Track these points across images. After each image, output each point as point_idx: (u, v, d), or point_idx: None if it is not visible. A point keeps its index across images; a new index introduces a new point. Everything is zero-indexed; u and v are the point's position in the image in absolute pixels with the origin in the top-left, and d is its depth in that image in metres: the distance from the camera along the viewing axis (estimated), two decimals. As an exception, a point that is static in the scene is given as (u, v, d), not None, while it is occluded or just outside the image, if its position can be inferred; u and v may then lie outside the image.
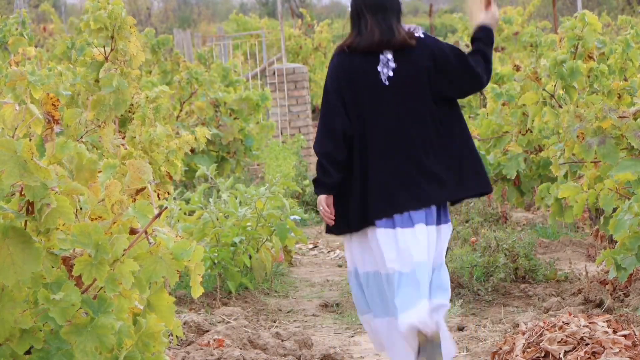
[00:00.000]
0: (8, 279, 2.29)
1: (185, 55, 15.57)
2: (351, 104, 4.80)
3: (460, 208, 8.58)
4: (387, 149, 4.78)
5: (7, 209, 2.33)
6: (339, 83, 4.82)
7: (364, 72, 4.80)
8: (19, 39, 8.36)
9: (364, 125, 4.80)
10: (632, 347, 3.96)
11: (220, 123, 10.20)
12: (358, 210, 4.75)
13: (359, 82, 4.81)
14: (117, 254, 2.35)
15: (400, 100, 4.78)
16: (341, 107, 4.81)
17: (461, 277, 6.26)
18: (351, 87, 4.81)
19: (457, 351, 4.95)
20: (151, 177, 2.54)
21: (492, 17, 4.89)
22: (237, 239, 6.36)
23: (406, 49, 4.77)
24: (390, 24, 4.78)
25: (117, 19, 4.98)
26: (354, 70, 4.82)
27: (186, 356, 4.68)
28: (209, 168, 7.38)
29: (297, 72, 13.93)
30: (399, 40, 4.76)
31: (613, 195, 5.04)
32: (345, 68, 4.83)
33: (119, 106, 4.83)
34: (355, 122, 4.81)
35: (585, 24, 6.25)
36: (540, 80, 6.28)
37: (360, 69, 4.81)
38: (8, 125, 2.38)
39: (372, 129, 4.80)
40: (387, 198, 4.71)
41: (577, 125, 5.20)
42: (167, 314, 2.51)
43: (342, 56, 4.86)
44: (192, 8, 47.88)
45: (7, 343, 2.34)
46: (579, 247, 7.58)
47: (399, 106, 4.79)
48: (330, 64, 4.89)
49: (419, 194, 4.70)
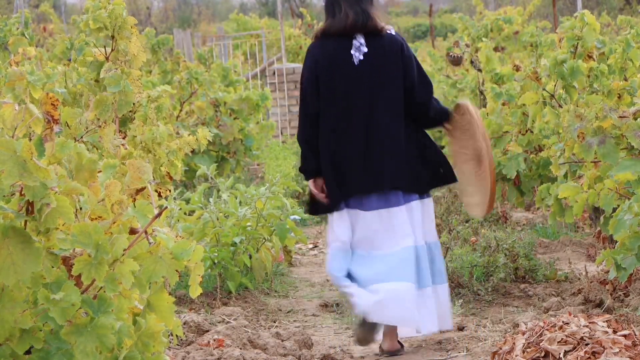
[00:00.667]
0: (8, 278, 2.29)
1: (185, 55, 15.57)
2: (325, 88, 5.04)
3: (460, 208, 8.58)
4: (356, 131, 5.04)
5: (7, 209, 2.33)
6: (314, 70, 5.05)
7: (337, 55, 5.02)
8: (19, 39, 8.36)
9: (337, 107, 5.04)
10: (632, 347, 3.96)
11: (220, 123, 10.20)
12: (332, 190, 5.04)
13: (332, 65, 5.03)
14: (117, 254, 2.35)
15: (370, 83, 5.03)
16: (316, 95, 5.05)
17: (461, 277, 6.26)
18: (325, 71, 5.03)
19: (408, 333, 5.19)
20: (151, 177, 2.54)
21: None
22: (237, 239, 6.36)
23: (377, 36, 5.02)
24: (363, 7, 5.00)
25: (118, 19, 4.98)
26: (328, 55, 5.04)
27: (186, 356, 4.68)
28: (209, 168, 7.37)
29: (297, 72, 13.95)
30: (372, 23, 4.99)
31: (613, 195, 5.04)
32: (319, 54, 5.06)
33: (122, 107, 4.83)
34: (329, 105, 4.99)
35: (584, 24, 6.25)
36: (540, 80, 6.28)
37: (333, 53, 5.03)
38: (8, 125, 2.38)
39: (344, 112, 5.04)
40: (346, 181, 5.03)
41: (577, 125, 5.20)
42: (167, 314, 2.51)
43: (316, 43, 5.11)
44: (192, 8, 47.86)
45: (7, 343, 2.34)
46: (579, 247, 7.58)
47: (369, 89, 5.04)
48: (307, 53, 5.14)
49: (378, 178, 5.01)
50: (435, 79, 14.28)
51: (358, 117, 5.03)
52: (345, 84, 5.03)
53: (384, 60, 5.03)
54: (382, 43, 5.02)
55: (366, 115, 5.03)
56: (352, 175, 5.02)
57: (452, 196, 9.16)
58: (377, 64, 5.02)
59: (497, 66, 8.95)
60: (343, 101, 5.03)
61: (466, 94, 12.04)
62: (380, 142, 5.03)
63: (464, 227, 7.45)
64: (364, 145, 5.03)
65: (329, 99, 5.04)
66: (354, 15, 4.98)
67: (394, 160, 5.03)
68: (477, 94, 11.47)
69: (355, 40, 5.02)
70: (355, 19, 4.98)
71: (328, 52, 5.03)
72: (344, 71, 5.02)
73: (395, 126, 5.05)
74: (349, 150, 5.04)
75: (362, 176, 5.02)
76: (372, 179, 5.01)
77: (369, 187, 5.02)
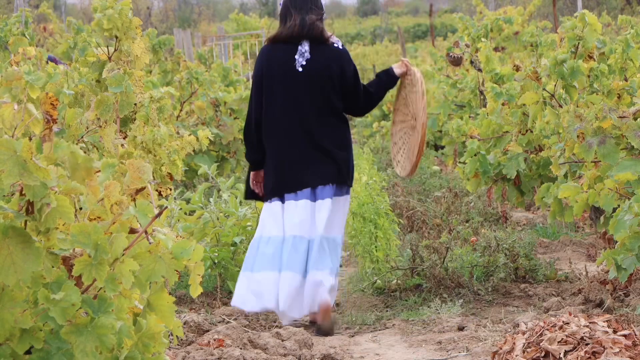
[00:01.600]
0: (8, 278, 2.29)
1: (186, 55, 15.57)
2: (269, 90, 5.57)
3: (461, 208, 8.59)
4: (293, 132, 5.56)
5: (7, 209, 2.32)
6: (259, 76, 5.61)
7: (282, 59, 5.56)
8: (19, 39, 8.35)
9: (278, 108, 5.57)
10: (632, 347, 3.95)
11: (220, 123, 10.20)
12: (271, 184, 5.60)
13: (277, 68, 5.56)
14: (117, 253, 2.35)
15: (309, 88, 5.56)
16: (259, 97, 5.60)
17: (461, 277, 6.26)
18: (270, 74, 5.57)
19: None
20: (151, 177, 2.54)
21: (402, 73, 5.82)
22: (237, 239, 6.36)
23: (321, 45, 5.56)
24: (312, 19, 5.54)
25: (125, 20, 4.98)
26: (275, 59, 5.58)
27: (186, 356, 4.68)
28: (210, 168, 7.38)
29: (297, 72, 13.91)
30: (317, 31, 5.53)
31: (613, 195, 5.04)
32: (267, 57, 5.61)
33: (124, 107, 4.83)
34: (272, 106, 5.58)
35: (585, 24, 6.24)
36: (540, 80, 6.27)
37: (280, 57, 5.57)
38: (7, 124, 2.38)
39: (283, 113, 5.57)
40: (286, 176, 5.55)
41: (577, 125, 5.19)
42: (168, 314, 2.51)
43: (266, 48, 5.67)
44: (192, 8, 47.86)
45: (7, 343, 2.34)
46: (579, 247, 7.58)
47: (309, 93, 5.56)
48: (257, 58, 5.72)
49: (313, 174, 5.55)
50: (436, 79, 14.27)
51: (296, 119, 5.54)
52: (287, 87, 5.54)
53: (324, 67, 5.53)
54: (325, 51, 5.55)
55: (304, 118, 5.54)
56: (290, 173, 5.54)
57: (452, 196, 9.16)
58: (318, 70, 5.52)
59: (497, 66, 8.95)
60: (285, 102, 5.55)
61: (466, 94, 12.04)
62: (313, 143, 5.55)
63: (464, 227, 7.45)
64: (299, 145, 5.55)
65: (271, 102, 5.55)
66: (300, 24, 5.51)
67: (327, 159, 5.56)
68: (477, 94, 11.47)
69: (300, 47, 5.54)
70: (301, 27, 5.50)
71: (275, 57, 5.57)
72: (287, 75, 5.54)
73: (329, 129, 5.58)
74: (286, 150, 5.56)
75: (297, 174, 5.55)
76: (306, 177, 5.55)
77: (302, 184, 5.55)
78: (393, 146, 6.03)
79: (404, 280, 6.32)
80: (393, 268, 6.37)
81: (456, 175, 10.97)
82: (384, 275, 6.37)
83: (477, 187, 7.71)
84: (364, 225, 6.58)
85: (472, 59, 10.65)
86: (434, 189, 10.14)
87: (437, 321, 5.58)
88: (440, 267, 6.24)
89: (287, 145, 5.55)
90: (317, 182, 5.53)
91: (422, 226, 8.07)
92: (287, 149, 5.55)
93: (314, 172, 5.53)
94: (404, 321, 5.71)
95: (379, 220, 6.57)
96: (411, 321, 5.68)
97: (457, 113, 12.07)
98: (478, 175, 7.55)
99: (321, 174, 5.53)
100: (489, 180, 7.60)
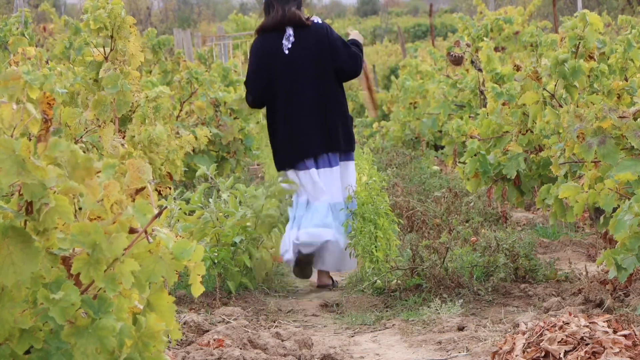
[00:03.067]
0: (8, 278, 2.28)
1: (185, 55, 15.56)
2: (265, 74, 6.47)
3: (461, 208, 8.58)
4: (289, 108, 6.46)
5: (7, 209, 2.32)
6: (255, 62, 6.48)
7: (272, 46, 6.46)
8: (19, 39, 8.35)
9: (274, 88, 6.46)
10: (632, 347, 3.95)
11: (220, 123, 10.19)
12: (282, 155, 6.62)
13: (268, 55, 6.46)
14: (117, 253, 2.34)
15: (299, 66, 6.43)
16: (259, 81, 6.49)
17: (461, 277, 6.25)
18: (264, 61, 6.47)
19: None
20: (151, 177, 2.53)
21: (357, 36, 6.76)
22: (237, 239, 6.35)
23: (304, 28, 6.43)
24: (291, 7, 6.42)
25: (117, 19, 4.97)
26: (265, 47, 6.48)
27: (186, 356, 4.67)
28: (209, 168, 7.37)
29: (297, 72, 13.91)
30: (297, 17, 6.41)
31: (613, 195, 5.03)
32: (259, 48, 6.51)
33: (121, 107, 4.83)
34: (268, 86, 6.48)
35: (586, 23, 6.24)
36: (540, 79, 6.27)
37: (269, 44, 6.48)
38: (6, 124, 2.37)
39: (278, 93, 6.47)
40: (290, 149, 6.53)
41: (577, 125, 5.19)
42: (167, 313, 2.51)
43: (257, 39, 6.57)
44: (192, 8, 47.87)
45: (7, 343, 2.33)
46: (579, 247, 7.57)
47: (299, 72, 6.43)
48: (250, 49, 6.59)
49: (310, 146, 6.47)
50: (436, 79, 14.27)
51: (291, 96, 6.42)
52: (279, 69, 6.42)
53: (310, 45, 6.41)
54: (308, 32, 6.42)
55: (297, 94, 6.41)
56: (300, 140, 6.48)
57: (452, 196, 9.15)
58: (304, 50, 6.41)
59: (497, 66, 8.94)
60: (279, 83, 6.42)
61: (466, 94, 12.04)
62: (307, 116, 6.42)
63: (464, 227, 7.44)
64: (296, 120, 6.43)
65: (268, 85, 6.45)
66: (281, 12, 6.39)
67: (319, 130, 6.45)
68: (477, 93, 11.46)
69: (286, 32, 6.42)
70: (283, 15, 6.39)
71: (265, 45, 6.47)
72: (277, 58, 6.43)
73: (322, 101, 6.43)
74: (285, 124, 6.48)
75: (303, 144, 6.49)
76: (305, 146, 6.49)
77: (303, 155, 6.50)
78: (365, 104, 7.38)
79: (404, 280, 6.32)
80: (393, 268, 6.36)
81: (456, 175, 10.96)
82: (384, 275, 6.37)
83: (477, 187, 7.70)
84: (363, 226, 6.57)
85: (472, 58, 10.65)
86: (433, 189, 10.13)
87: (437, 321, 5.57)
88: (440, 267, 6.24)
89: (291, 118, 6.44)
90: (322, 150, 6.47)
91: (422, 226, 8.06)
92: (291, 121, 6.45)
93: (317, 141, 6.46)
94: (404, 321, 5.70)
95: (378, 221, 6.56)
96: (411, 321, 5.68)
97: (457, 113, 12.07)
98: (478, 175, 7.55)
99: (324, 142, 6.46)
100: (489, 180, 7.59)
